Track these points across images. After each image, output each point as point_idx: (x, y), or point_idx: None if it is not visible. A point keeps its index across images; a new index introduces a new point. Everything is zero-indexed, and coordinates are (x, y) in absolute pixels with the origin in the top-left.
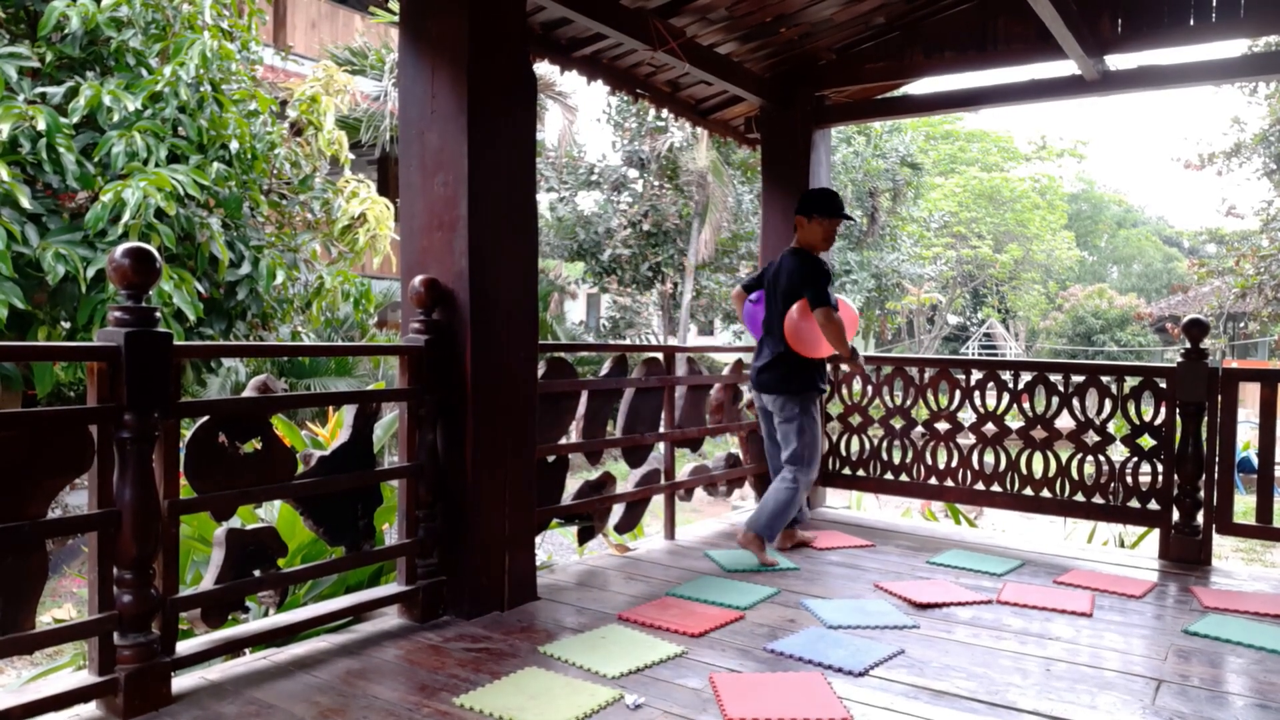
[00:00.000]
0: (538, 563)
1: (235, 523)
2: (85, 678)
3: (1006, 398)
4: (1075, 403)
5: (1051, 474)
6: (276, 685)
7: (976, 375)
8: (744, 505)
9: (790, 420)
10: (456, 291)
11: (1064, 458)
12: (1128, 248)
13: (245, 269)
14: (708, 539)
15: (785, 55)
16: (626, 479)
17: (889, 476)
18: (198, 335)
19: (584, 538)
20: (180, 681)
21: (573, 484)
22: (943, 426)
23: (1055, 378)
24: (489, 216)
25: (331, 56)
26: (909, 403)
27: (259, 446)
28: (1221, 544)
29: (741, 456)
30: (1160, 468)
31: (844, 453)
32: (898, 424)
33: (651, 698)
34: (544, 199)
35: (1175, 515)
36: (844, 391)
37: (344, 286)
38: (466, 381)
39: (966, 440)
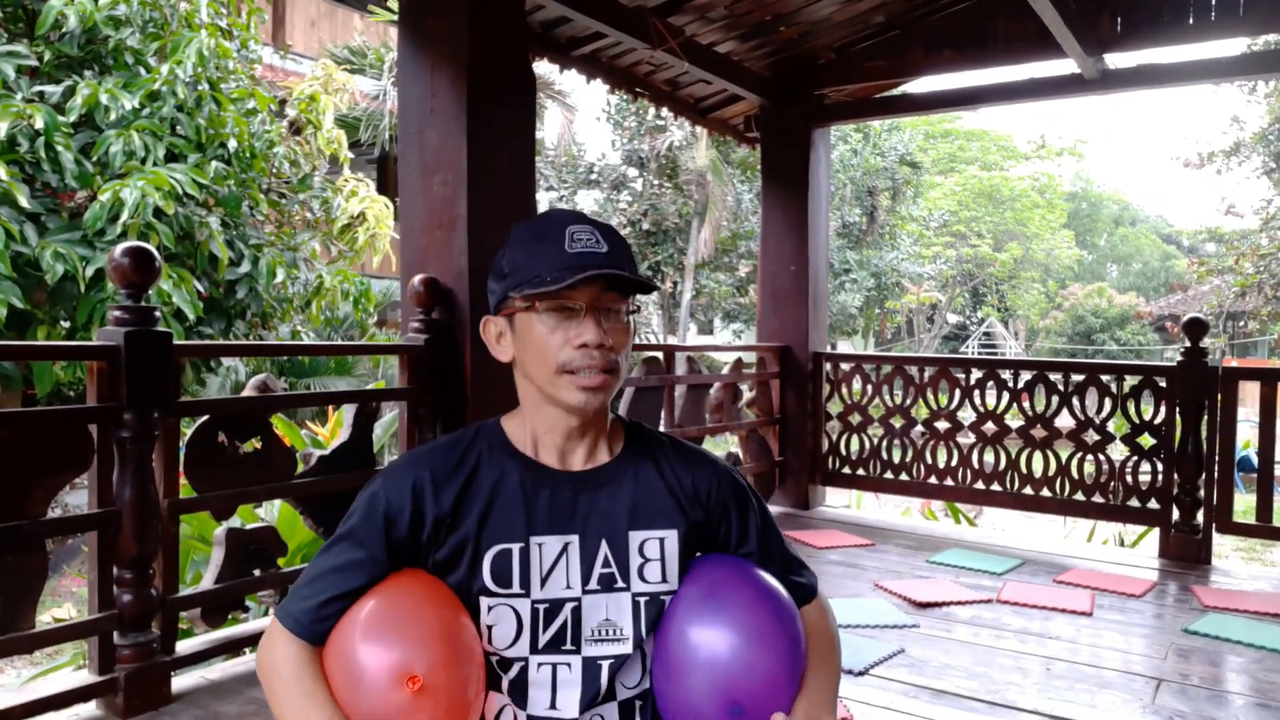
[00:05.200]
0: None
1: (235, 522)
2: (85, 677)
3: (1006, 397)
4: (1075, 402)
5: (1051, 473)
6: None
7: (976, 374)
8: None
9: None
10: (456, 291)
11: (1064, 457)
12: (1127, 246)
13: (244, 268)
14: None
15: (785, 54)
16: None
17: (889, 475)
18: (197, 334)
19: None
20: (180, 681)
21: None
22: (942, 425)
23: (1055, 377)
24: (489, 216)
25: (331, 55)
26: (909, 402)
27: (259, 446)
28: (1221, 543)
29: (741, 456)
30: (1160, 467)
31: (844, 452)
32: (897, 423)
33: None
34: (543, 198)
35: (1175, 514)
36: (843, 390)
37: (343, 285)
38: (466, 381)
39: (966, 439)
